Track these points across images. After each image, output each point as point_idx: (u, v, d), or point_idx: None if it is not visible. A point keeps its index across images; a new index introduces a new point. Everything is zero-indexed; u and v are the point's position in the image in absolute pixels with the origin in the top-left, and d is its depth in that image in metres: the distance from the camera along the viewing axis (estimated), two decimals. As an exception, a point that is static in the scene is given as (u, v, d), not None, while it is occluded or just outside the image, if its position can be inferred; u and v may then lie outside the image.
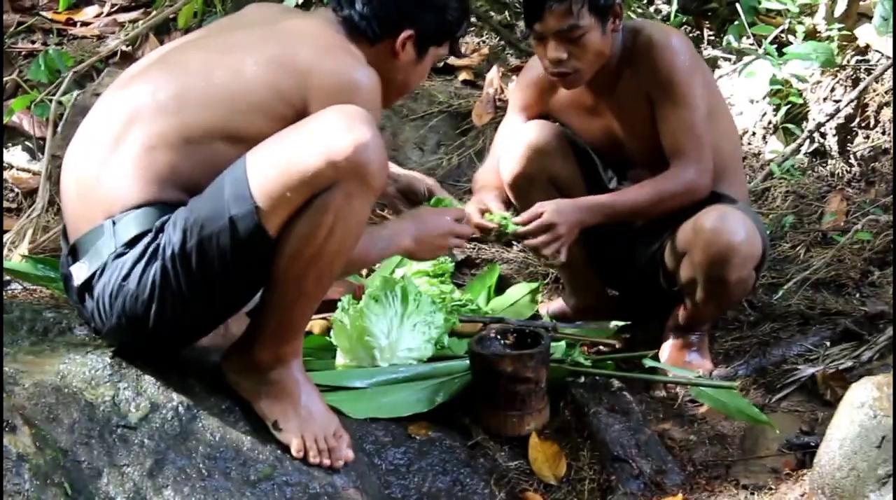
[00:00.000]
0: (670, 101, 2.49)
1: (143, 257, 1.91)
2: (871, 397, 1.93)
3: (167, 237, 1.89)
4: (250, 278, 1.94)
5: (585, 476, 2.17)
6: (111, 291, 1.93)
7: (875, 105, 3.39)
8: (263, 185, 1.84)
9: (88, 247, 1.96)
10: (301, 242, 1.88)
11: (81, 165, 2.00)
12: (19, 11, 4.01)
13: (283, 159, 1.85)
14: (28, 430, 1.78)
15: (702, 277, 2.48)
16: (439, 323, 2.45)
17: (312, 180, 1.84)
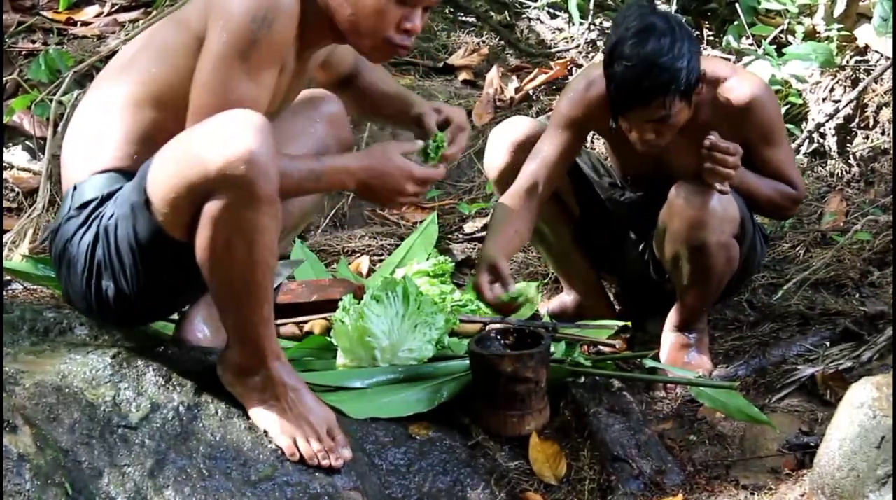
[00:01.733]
0: (771, 146, 2.59)
1: (85, 222, 1.96)
2: (871, 397, 1.93)
3: (108, 207, 1.96)
4: (169, 272, 1.93)
5: (585, 476, 2.17)
6: (58, 253, 2.01)
7: (874, 105, 3.39)
8: (155, 182, 1.85)
9: (60, 211, 2.05)
10: (205, 251, 1.84)
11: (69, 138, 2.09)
12: (20, 11, 4.01)
13: (171, 161, 1.84)
14: (29, 430, 1.78)
15: (683, 247, 2.51)
16: (440, 324, 2.45)
17: (191, 187, 1.80)
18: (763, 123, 2.55)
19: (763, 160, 2.60)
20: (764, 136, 2.57)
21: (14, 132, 3.52)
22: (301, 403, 2.00)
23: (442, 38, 4.35)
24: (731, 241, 2.53)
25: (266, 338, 1.95)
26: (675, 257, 2.55)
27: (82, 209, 1.97)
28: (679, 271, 2.58)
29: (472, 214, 3.45)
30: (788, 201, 2.63)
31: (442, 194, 3.59)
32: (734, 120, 2.54)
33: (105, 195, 1.96)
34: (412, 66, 4.14)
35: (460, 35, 4.37)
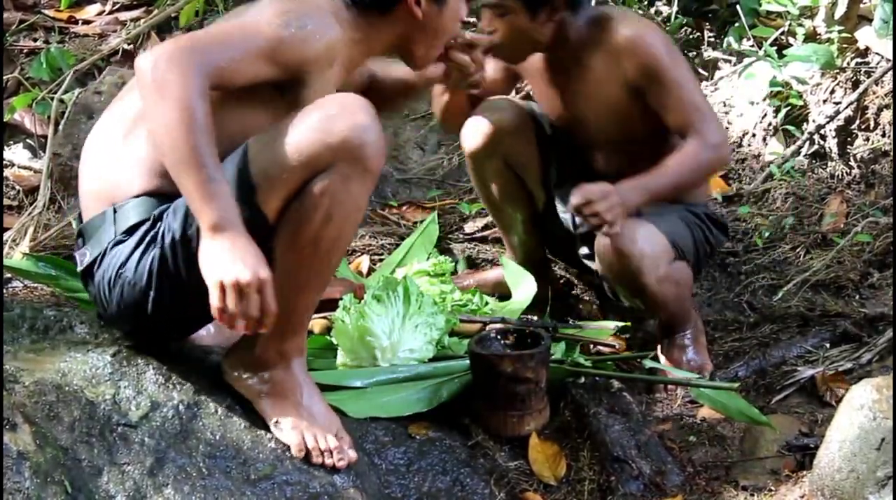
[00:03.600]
0: (664, 88, 2.51)
1: (140, 244, 1.94)
2: (871, 399, 1.93)
3: (166, 224, 1.92)
4: None
5: (585, 477, 2.17)
6: (109, 278, 1.97)
7: (875, 107, 3.39)
8: (261, 166, 1.86)
9: (92, 233, 2.01)
10: (298, 227, 1.88)
11: (94, 156, 2.06)
12: (21, 9, 4.01)
13: (280, 143, 1.86)
14: (28, 428, 1.78)
15: (628, 293, 2.55)
16: (441, 324, 2.45)
17: (308, 162, 1.85)
18: (648, 64, 2.50)
19: (660, 106, 2.53)
20: (651, 76, 2.50)
21: (15, 130, 3.52)
22: (313, 401, 2.03)
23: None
24: (672, 268, 2.51)
25: (303, 331, 2.04)
26: (628, 297, 2.59)
27: (132, 232, 1.94)
28: (640, 304, 2.61)
29: (472, 213, 3.45)
30: (702, 158, 2.49)
31: (442, 194, 3.59)
32: (622, 63, 2.53)
33: (157, 216, 1.93)
34: (413, 66, 4.13)
35: (461, 34, 4.36)
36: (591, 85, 2.60)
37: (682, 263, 2.56)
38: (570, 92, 2.66)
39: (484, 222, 3.39)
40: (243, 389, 2.04)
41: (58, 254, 2.91)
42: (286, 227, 1.89)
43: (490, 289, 2.98)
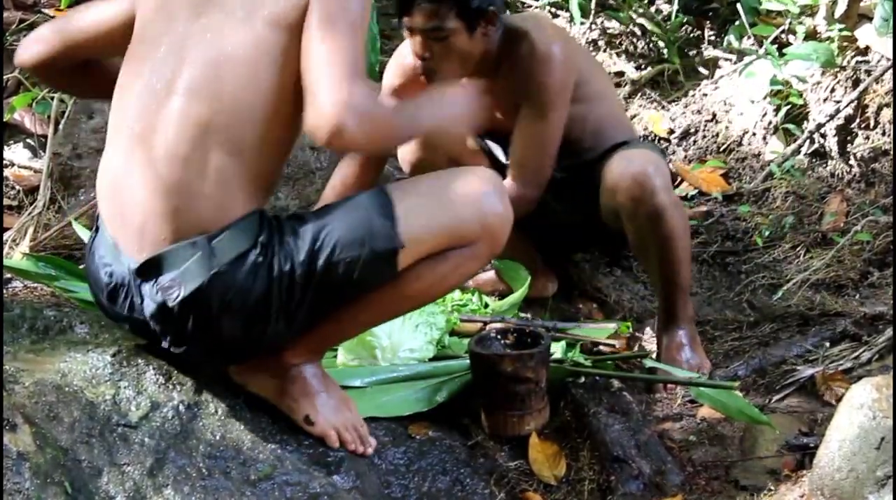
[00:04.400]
0: (533, 112, 2.59)
1: (254, 274, 1.89)
2: (871, 398, 1.93)
3: (285, 254, 1.89)
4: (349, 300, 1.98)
5: (585, 477, 2.17)
6: (216, 309, 1.90)
7: (875, 106, 3.38)
8: (412, 229, 1.93)
9: (177, 263, 1.89)
10: (412, 281, 1.97)
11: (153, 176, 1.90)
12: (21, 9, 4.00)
13: (434, 210, 1.96)
14: (28, 428, 1.78)
15: (644, 219, 2.53)
16: (441, 324, 2.46)
17: (459, 236, 1.97)
18: (532, 84, 2.56)
19: (520, 126, 2.61)
20: (529, 98, 2.58)
21: (15, 130, 3.52)
22: (335, 393, 2.10)
23: (443, 38, 4.34)
24: (677, 197, 2.59)
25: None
26: (639, 236, 2.57)
27: (238, 262, 1.88)
28: (647, 251, 2.59)
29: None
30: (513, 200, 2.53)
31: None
32: (517, 76, 2.57)
33: (263, 242, 1.89)
34: (413, 65, 4.13)
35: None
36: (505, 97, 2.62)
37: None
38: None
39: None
40: (261, 389, 2.05)
41: (58, 254, 2.90)
42: (404, 279, 1.97)
43: (489, 288, 2.99)
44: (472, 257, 2.00)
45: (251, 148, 1.91)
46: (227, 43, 1.91)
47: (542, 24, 2.69)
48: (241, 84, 1.89)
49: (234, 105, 1.89)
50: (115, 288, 1.98)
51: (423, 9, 2.47)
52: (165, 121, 1.91)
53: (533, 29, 2.60)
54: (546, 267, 3.02)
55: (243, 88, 1.89)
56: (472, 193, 1.98)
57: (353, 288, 1.95)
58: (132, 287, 1.95)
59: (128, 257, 1.94)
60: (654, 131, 3.78)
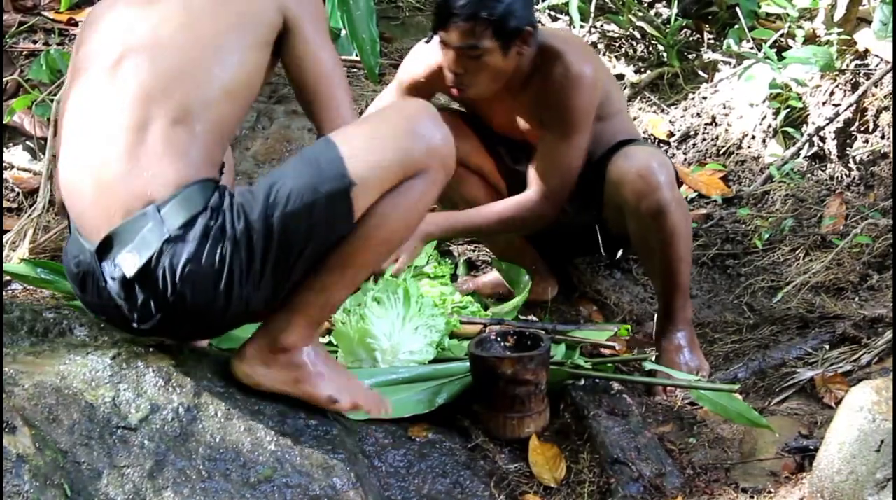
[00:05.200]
0: (558, 133, 2.61)
1: (206, 236, 1.89)
2: (870, 400, 1.93)
3: (237, 214, 1.90)
4: (312, 261, 1.96)
5: (585, 479, 2.17)
6: (175, 276, 1.89)
7: (874, 109, 3.39)
8: (360, 166, 1.92)
9: (130, 236, 1.90)
10: (379, 223, 1.96)
11: (98, 158, 1.95)
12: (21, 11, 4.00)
13: (378, 145, 1.95)
14: (28, 431, 1.78)
15: (647, 216, 2.53)
16: (441, 326, 2.46)
17: (409, 167, 1.96)
18: (565, 110, 2.59)
19: (543, 142, 2.63)
20: (555, 119, 2.60)
21: (15, 132, 3.52)
22: (339, 368, 2.13)
23: (442, 41, 4.35)
24: (681, 195, 2.59)
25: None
26: (641, 233, 2.58)
27: (189, 226, 1.89)
28: (648, 249, 2.60)
29: (471, 216, 3.45)
30: (535, 214, 2.68)
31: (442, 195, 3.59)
32: (548, 95, 2.59)
33: (214, 206, 1.90)
34: (413, 68, 4.13)
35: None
36: (532, 110, 2.66)
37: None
38: (512, 111, 2.72)
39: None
40: (275, 383, 2.05)
41: (57, 256, 2.90)
42: (368, 223, 1.95)
43: (489, 291, 2.99)
44: (428, 184, 2.00)
45: (195, 114, 1.94)
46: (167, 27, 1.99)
47: (575, 45, 2.70)
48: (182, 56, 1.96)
49: (176, 75, 1.95)
50: (83, 277, 2.01)
51: (460, 26, 2.47)
52: (107, 100, 1.96)
53: (567, 50, 2.61)
54: (547, 270, 3.03)
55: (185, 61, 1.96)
56: (410, 123, 1.99)
57: (316, 240, 1.93)
58: (97, 272, 1.97)
59: (88, 241, 1.97)
60: (653, 134, 3.79)
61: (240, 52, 1.99)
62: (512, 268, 2.93)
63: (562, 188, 2.67)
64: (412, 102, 2.11)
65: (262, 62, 2.01)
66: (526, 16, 2.51)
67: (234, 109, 1.99)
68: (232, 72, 1.97)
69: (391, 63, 4.05)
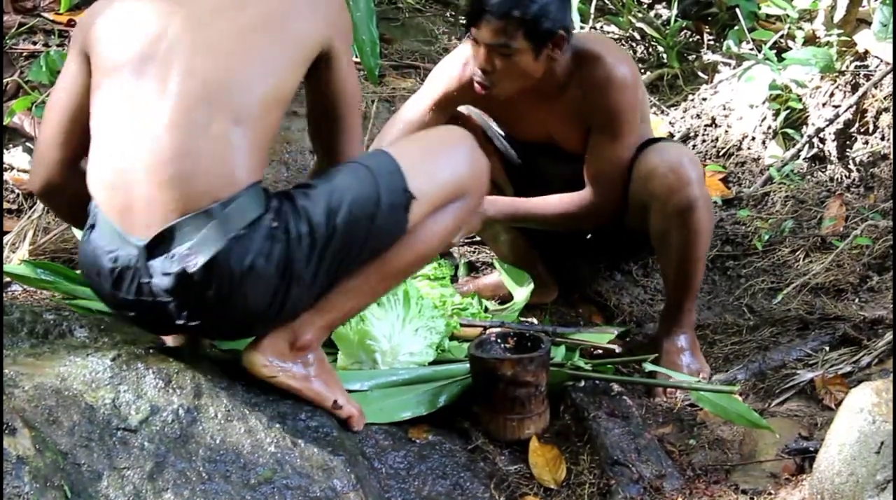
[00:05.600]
0: (609, 135, 2.59)
1: (270, 237, 1.92)
2: (871, 402, 1.93)
3: (300, 217, 1.95)
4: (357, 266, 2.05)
5: (585, 480, 2.17)
6: (239, 274, 1.92)
7: (874, 111, 3.39)
8: (418, 183, 2.04)
9: (191, 233, 1.91)
10: (419, 238, 2.07)
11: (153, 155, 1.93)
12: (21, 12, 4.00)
13: (433, 166, 2.09)
14: (28, 432, 1.78)
15: (674, 211, 2.53)
16: (441, 328, 2.46)
17: (458, 189, 2.10)
18: (614, 111, 2.57)
19: (595, 145, 2.62)
20: (608, 124, 2.59)
21: (14, 134, 3.52)
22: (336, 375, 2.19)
23: (443, 42, 4.35)
24: (708, 192, 2.59)
25: None
26: (664, 229, 2.57)
27: (253, 226, 1.92)
28: (667, 246, 2.59)
29: (471, 217, 3.45)
30: (593, 212, 2.67)
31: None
32: (589, 99, 2.58)
33: (276, 207, 1.95)
34: (413, 69, 4.14)
35: (461, 38, 4.37)
36: (566, 117, 2.64)
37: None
38: (545, 118, 2.69)
39: (484, 226, 3.40)
40: (289, 378, 2.07)
41: (57, 257, 2.91)
42: (415, 237, 2.07)
43: (489, 293, 2.99)
44: (466, 207, 2.14)
45: (251, 117, 1.96)
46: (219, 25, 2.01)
47: (611, 47, 2.69)
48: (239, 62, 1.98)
49: (234, 79, 1.97)
50: (120, 273, 1.98)
51: (491, 24, 2.45)
52: (164, 97, 1.95)
53: (605, 52, 2.59)
54: (548, 274, 3.03)
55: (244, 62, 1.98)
56: (459, 149, 2.13)
57: (369, 247, 2.03)
58: (140, 268, 1.95)
59: (135, 237, 1.95)
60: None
61: (290, 68, 2.02)
62: (513, 270, 2.93)
63: (615, 185, 2.64)
64: (457, 129, 2.21)
65: (300, 79, 2.06)
66: (560, 19, 2.48)
67: (278, 118, 2.03)
68: (280, 83, 2.00)
69: (391, 64, 4.06)
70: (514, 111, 2.74)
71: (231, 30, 2.01)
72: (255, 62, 1.99)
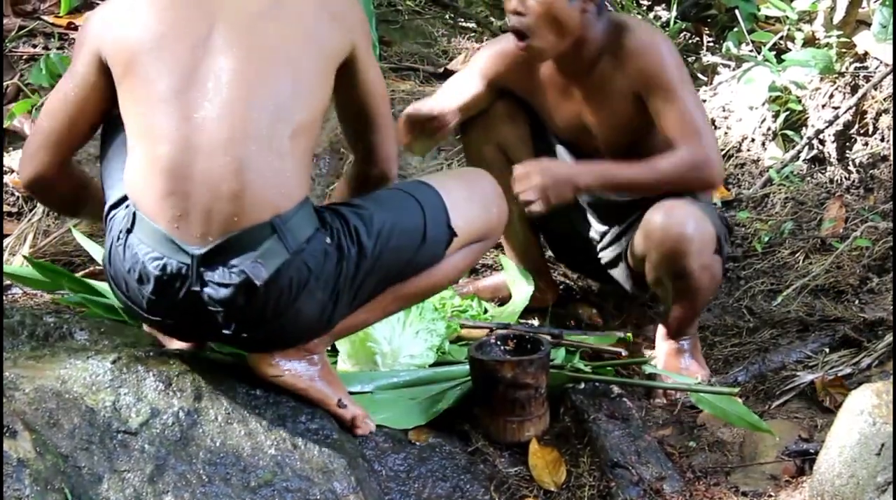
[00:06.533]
0: (662, 99, 2.48)
1: (326, 253, 1.97)
2: (871, 404, 1.93)
3: (351, 237, 2.00)
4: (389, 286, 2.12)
5: (585, 483, 2.17)
6: (298, 288, 1.95)
7: (874, 112, 3.39)
8: (459, 221, 2.14)
9: (252, 245, 1.91)
10: (445, 271, 2.17)
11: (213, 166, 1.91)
12: (20, 15, 4.01)
13: (471, 206, 2.19)
14: (28, 435, 1.78)
15: (665, 274, 2.50)
16: (441, 330, 2.46)
17: (486, 231, 2.23)
18: (659, 75, 2.47)
19: (658, 114, 2.49)
20: (653, 86, 2.48)
21: (15, 137, 3.52)
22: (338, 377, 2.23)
23: (442, 44, 4.36)
24: (713, 259, 2.50)
25: None
26: (658, 280, 2.56)
27: (311, 241, 1.95)
28: (664, 292, 2.59)
29: (471, 219, 3.45)
30: (689, 168, 2.46)
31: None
32: (628, 69, 2.51)
33: (329, 223, 2.00)
34: (413, 71, 4.14)
35: (460, 41, 4.38)
36: (600, 94, 2.59)
37: (718, 257, 2.54)
38: (578, 101, 2.64)
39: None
40: (295, 379, 2.08)
41: (57, 260, 2.91)
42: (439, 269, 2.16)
43: (488, 295, 2.99)
44: (484, 248, 2.28)
45: (305, 131, 1.98)
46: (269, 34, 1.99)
47: (643, 23, 2.68)
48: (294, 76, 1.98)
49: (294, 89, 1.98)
50: (168, 280, 1.94)
51: None
52: (224, 106, 1.93)
53: (640, 26, 2.58)
54: (549, 278, 3.02)
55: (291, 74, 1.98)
56: (491, 193, 2.25)
57: (403, 273, 2.10)
58: (191, 276, 1.93)
59: (190, 245, 1.93)
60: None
61: (327, 77, 2.03)
62: (517, 270, 2.92)
63: (705, 131, 2.48)
64: (487, 175, 2.30)
65: (332, 86, 2.06)
66: None
67: (321, 130, 2.06)
68: (325, 95, 2.03)
69: (390, 67, 4.06)
70: (551, 97, 2.68)
71: (277, 38, 1.99)
72: (307, 74, 1.99)
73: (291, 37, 2.00)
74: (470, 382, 2.33)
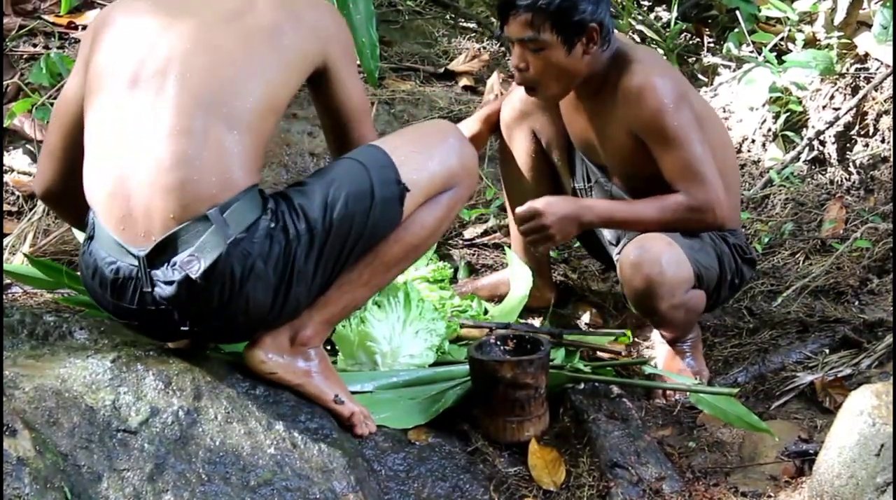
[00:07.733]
0: (661, 144, 2.47)
1: (270, 238, 1.95)
2: (871, 405, 1.93)
3: (297, 215, 1.98)
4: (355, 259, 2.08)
5: (584, 483, 2.17)
6: (241, 277, 1.94)
7: (874, 113, 3.39)
8: (411, 175, 2.08)
9: (191, 239, 1.92)
10: (410, 228, 2.11)
11: (149, 163, 1.93)
12: (21, 15, 4.01)
13: (425, 157, 2.12)
14: (28, 434, 1.78)
15: (638, 309, 2.54)
16: (441, 330, 2.46)
17: (449, 179, 2.15)
18: (648, 118, 2.44)
19: (658, 159, 2.48)
20: (650, 132, 2.46)
21: (15, 136, 3.52)
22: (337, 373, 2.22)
23: (443, 44, 4.36)
24: (685, 298, 2.49)
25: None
26: (637, 310, 2.57)
27: (252, 229, 1.94)
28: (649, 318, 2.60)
29: (471, 219, 3.45)
30: (690, 212, 2.46)
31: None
32: (625, 110, 2.49)
33: (272, 208, 1.97)
34: (413, 72, 4.15)
35: (461, 41, 4.38)
36: (603, 121, 2.59)
37: (698, 291, 2.53)
38: (586, 123, 2.66)
39: (483, 228, 3.40)
40: (289, 374, 2.09)
41: (57, 259, 2.91)
42: (406, 228, 2.11)
43: (487, 294, 2.99)
44: (457, 196, 2.19)
45: (245, 124, 1.97)
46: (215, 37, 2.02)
47: (655, 60, 2.59)
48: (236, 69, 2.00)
49: (229, 86, 1.98)
50: (122, 283, 1.98)
51: (518, 18, 2.43)
52: (161, 106, 1.96)
53: (644, 61, 2.51)
54: (549, 278, 3.02)
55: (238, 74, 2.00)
56: (448, 141, 2.18)
57: (366, 239, 2.06)
58: (141, 277, 1.96)
59: (135, 247, 1.95)
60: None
61: (283, 78, 2.05)
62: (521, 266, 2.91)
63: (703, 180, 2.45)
64: (445, 122, 2.26)
65: (295, 89, 2.09)
66: (592, 11, 2.43)
67: (273, 125, 2.06)
68: (273, 92, 2.03)
69: (390, 67, 4.06)
70: (566, 110, 2.71)
71: (225, 41, 2.02)
72: (248, 71, 2.00)
73: (252, 35, 2.03)
74: (470, 382, 2.33)
